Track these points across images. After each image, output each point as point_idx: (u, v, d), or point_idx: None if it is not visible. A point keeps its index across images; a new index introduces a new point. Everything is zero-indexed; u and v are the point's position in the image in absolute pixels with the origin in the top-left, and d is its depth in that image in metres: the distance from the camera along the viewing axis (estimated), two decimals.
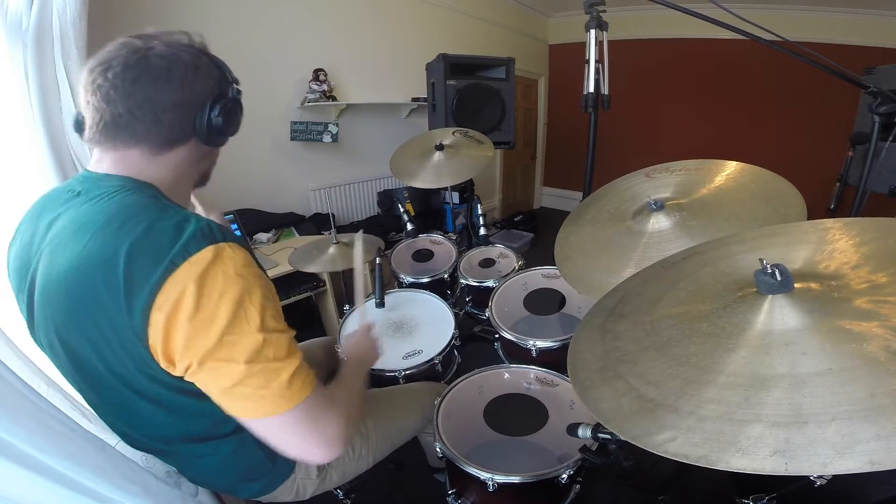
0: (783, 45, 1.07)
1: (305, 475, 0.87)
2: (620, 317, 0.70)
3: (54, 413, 0.57)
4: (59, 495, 0.56)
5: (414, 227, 1.99)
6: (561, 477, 0.84)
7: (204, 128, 0.64)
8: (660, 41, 4.23)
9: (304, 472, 0.87)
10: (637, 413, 0.51)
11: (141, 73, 0.58)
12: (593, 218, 1.14)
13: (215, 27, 2.23)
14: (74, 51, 1.12)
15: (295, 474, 0.85)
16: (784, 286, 0.53)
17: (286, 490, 0.85)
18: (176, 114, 0.61)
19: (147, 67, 0.58)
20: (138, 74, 0.58)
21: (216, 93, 0.65)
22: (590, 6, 1.36)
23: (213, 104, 0.64)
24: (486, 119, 2.63)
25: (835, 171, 2.66)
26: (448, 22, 3.65)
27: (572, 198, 5.16)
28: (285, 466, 0.83)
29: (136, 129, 0.60)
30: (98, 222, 0.55)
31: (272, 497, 0.85)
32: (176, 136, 0.63)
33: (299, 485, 0.87)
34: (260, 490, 0.83)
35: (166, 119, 0.61)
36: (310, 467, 0.87)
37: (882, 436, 0.37)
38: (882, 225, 0.62)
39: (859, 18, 3.33)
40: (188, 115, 0.63)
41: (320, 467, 0.89)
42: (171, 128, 0.62)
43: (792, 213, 0.84)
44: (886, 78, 1.95)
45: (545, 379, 1.13)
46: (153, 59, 0.59)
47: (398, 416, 1.05)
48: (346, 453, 0.94)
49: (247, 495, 0.84)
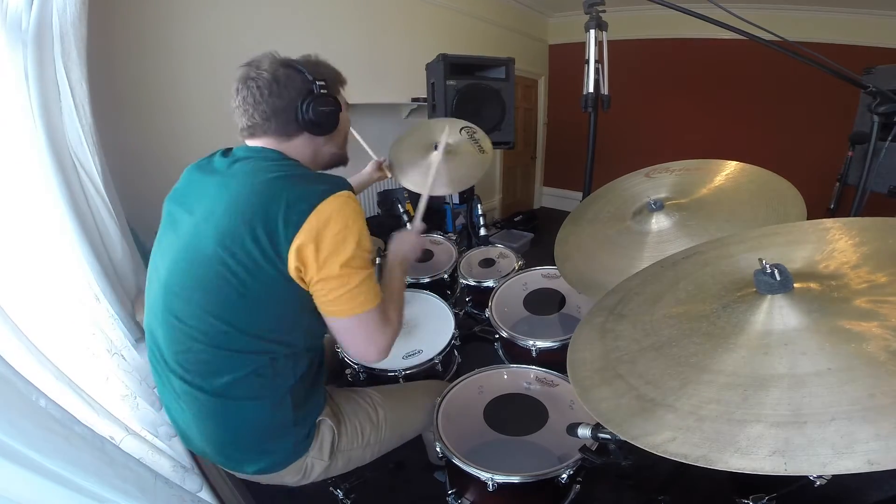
0: (783, 45, 1.07)
1: (318, 454, 0.89)
2: (620, 317, 0.70)
3: (54, 413, 0.57)
4: (58, 495, 0.56)
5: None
6: (561, 477, 0.84)
7: (304, 122, 0.83)
8: (660, 41, 4.23)
9: (318, 450, 0.89)
10: (637, 413, 0.51)
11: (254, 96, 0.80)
12: (593, 218, 1.14)
13: (214, 28, 2.23)
14: (74, 51, 1.12)
15: (308, 452, 0.87)
16: (783, 286, 0.53)
17: (295, 469, 0.87)
18: (281, 115, 0.82)
19: (252, 91, 0.80)
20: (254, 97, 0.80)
21: (304, 94, 0.82)
22: (590, 6, 1.36)
23: (302, 104, 0.82)
24: (486, 119, 2.62)
25: (835, 171, 2.66)
26: (448, 22, 3.65)
27: (572, 198, 5.15)
28: (304, 443, 0.86)
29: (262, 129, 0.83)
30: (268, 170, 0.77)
31: (279, 477, 0.87)
32: (289, 130, 0.84)
33: (308, 464, 0.88)
34: (269, 465, 0.84)
35: (275, 119, 0.82)
36: (323, 446, 0.89)
37: (881, 436, 0.37)
38: (882, 225, 0.62)
39: (859, 18, 3.33)
40: (289, 115, 0.82)
41: (332, 450, 0.91)
42: (280, 125, 0.83)
43: (792, 213, 0.85)
44: (886, 78, 1.95)
45: (545, 379, 1.13)
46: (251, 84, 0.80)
47: (408, 412, 1.06)
48: (356, 437, 0.96)
49: (254, 470, 0.84)
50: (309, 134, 0.85)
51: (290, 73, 0.81)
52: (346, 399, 1.00)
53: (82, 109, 1.12)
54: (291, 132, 0.84)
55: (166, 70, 2.00)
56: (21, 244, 0.94)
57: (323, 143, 0.90)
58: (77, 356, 0.90)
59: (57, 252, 0.99)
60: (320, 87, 0.83)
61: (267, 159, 0.81)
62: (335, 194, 0.74)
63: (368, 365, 1.19)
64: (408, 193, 3.04)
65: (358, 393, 1.04)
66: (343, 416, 0.96)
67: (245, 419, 0.80)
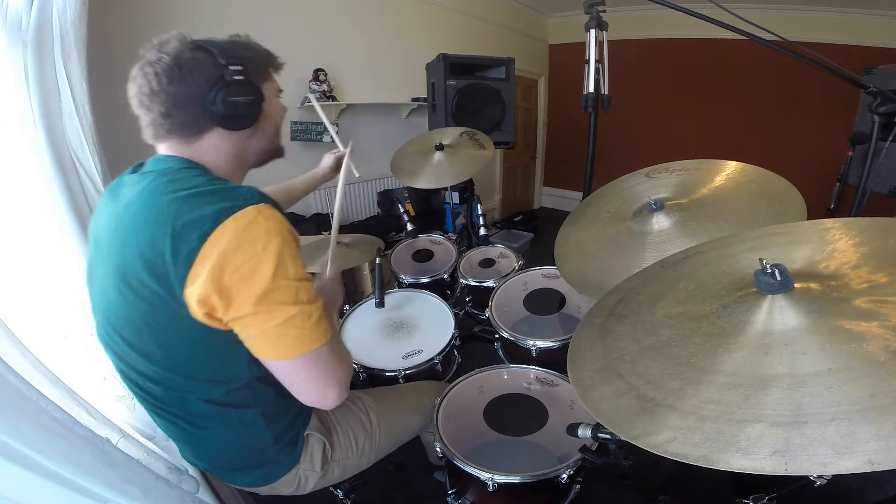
0: (783, 45, 1.07)
1: (309, 466, 0.87)
2: (620, 317, 0.70)
3: (54, 413, 0.57)
4: (58, 495, 0.56)
5: (414, 227, 1.99)
6: (561, 477, 0.84)
7: (213, 115, 0.69)
8: (660, 41, 4.23)
9: (309, 462, 0.86)
10: (637, 413, 0.51)
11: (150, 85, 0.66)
12: (593, 218, 1.14)
13: (215, 28, 2.22)
14: (74, 51, 1.12)
15: (298, 465, 0.85)
16: (784, 286, 0.53)
17: (287, 482, 0.85)
18: (183, 109, 0.68)
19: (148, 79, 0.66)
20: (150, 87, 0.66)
21: (212, 81, 0.67)
22: (590, 6, 1.36)
23: (209, 93, 0.67)
24: (486, 119, 2.63)
25: (835, 171, 2.65)
26: (448, 22, 3.65)
27: (572, 198, 5.16)
28: (290, 457, 0.83)
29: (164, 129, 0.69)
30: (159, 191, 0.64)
31: (273, 489, 0.85)
32: (197, 126, 0.70)
33: (301, 476, 0.87)
34: (261, 478, 0.83)
35: (178, 114, 0.68)
36: (314, 459, 0.87)
37: (881, 436, 0.37)
38: (882, 225, 0.62)
39: (859, 18, 3.33)
40: (194, 107, 0.68)
41: (324, 460, 0.88)
42: (185, 121, 0.69)
43: (792, 213, 0.84)
44: (886, 78, 1.94)
45: (545, 379, 1.13)
46: (147, 69, 0.66)
47: (402, 415, 1.05)
48: (349, 447, 0.94)
49: (246, 483, 0.83)
50: (223, 129, 0.71)
51: (198, 57, 0.67)
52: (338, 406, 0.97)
53: (82, 109, 1.12)
54: (201, 129, 0.70)
55: None
56: (20, 245, 0.94)
57: (247, 137, 0.75)
58: (77, 356, 0.90)
59: (57, 252, 0.99)
60: (234, 73, 0.69)
61: (164, 175, 0.67)
62: (238, 213, 0.59)
63: (369, 365, 1.19)
64: (408, 193, 3.05)
65: (351, 398, 1.00)
66: (335, 425, 0.94)
67: (220, 443, 0.77)
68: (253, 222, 0.60)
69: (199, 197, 0.62)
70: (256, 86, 0.73)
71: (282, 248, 0.61)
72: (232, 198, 0.62)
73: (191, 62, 0.66)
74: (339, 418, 0.95)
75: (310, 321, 0.64)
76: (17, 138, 0.99)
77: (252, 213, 0.60)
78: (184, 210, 0.60)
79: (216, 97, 0.67)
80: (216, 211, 0.59)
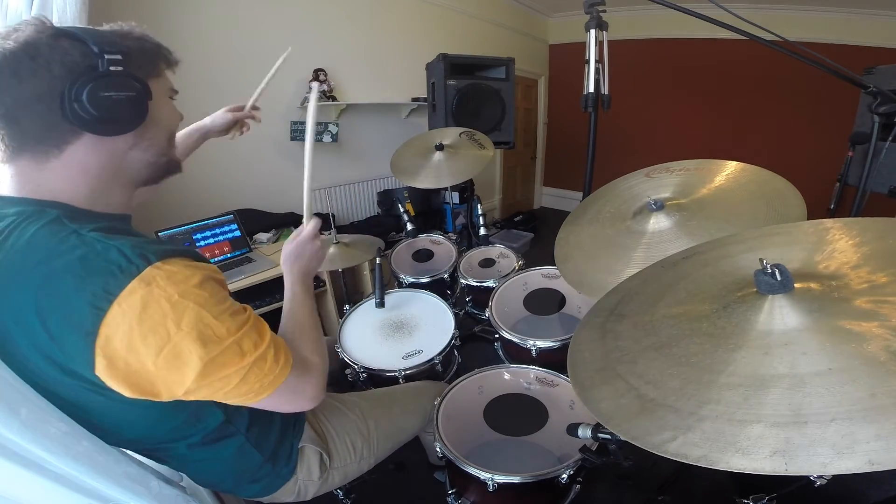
0: (783, 45, 1.07)
1: (307, 476, 0.87)
2: (620, 317, 0.70)
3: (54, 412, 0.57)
4: (61, 495, 0.56)
5: (414, 227, 1.99)
6: (561, 477, 0.84)
7: (79, 116, 0.52)
8: (660, 41, 4.22)
9: (306, 473, 0.87)
10: (637, 413, 0.51)
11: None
12: (593, 218, 1.14)
13: (214, 27, 2.23)
14: None
15: (296, 475, 0.85)
16: (784, 286, 0.53)
17: (287, 491, 0.86)
18: (36, 109, 0.51)
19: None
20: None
21: (78, 73, 0.52)
22: (590, 6, 1.36)
23: (72, 88, 0.51)
24: (486, 119, 2.63)
25: (835, 171, 2.66)
26: (448, 22, 3.65)
27: (572, 198, 5.16)
28: (286, 469, 0.83)
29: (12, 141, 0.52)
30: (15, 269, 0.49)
31: (274, 498, 0.85)
32: (49, 136, 0.53)
33: (301, 486, 0.87)
34: (261, 491, 0.83)
35: (25, 122, 0.52)
36: (311, 469, 0.87)
37: (882, 436, 0.37)
38: (882, 225, 0.62)
39: (859, 18, 3.33)
40: (50, 107, 0.51)
41: (322, 468, 0.88)
42: (34, 130, 0.53)
43: (792, 213, 0.84)
44: (886, 78, 1.95)
45: (545, 379, 1.13)
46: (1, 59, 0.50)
47: (399, 417, 1.05)
48: (347, 454, 0.94)
49: (249, 495, 0.84)
50: (93, 135, 0.55)
51: (61, 45, 0.52)
52: (333, 412, 0.97)
53: None
54: (61, 139, 0.54)
55: None
56: None
57: (127, 147, 0.59)
58: None
59: None
60: (110, 63, 0.54)
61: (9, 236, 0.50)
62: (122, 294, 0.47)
63: (369, 365, 1.19)
64: (408, 193, 3.05)
65: (346, 404, 1.00)
66: (331, 434, 0.93)
67: (215, 472, 0.77)
68: (150, 300, 0.48)
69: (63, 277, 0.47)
70: (141, 81, 0.58)
71: (199, 313, 0.51)
72: (105, 270, 0.47)
73: (49, 51, 0.51)
74: (335, 426, 0.95)
75: (265, 365, 0.58)
76: None
77: (142, 289, 0.48)
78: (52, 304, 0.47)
79: (82, 91, 0.51)
80: (91, 299, 0.46)
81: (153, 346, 0.48)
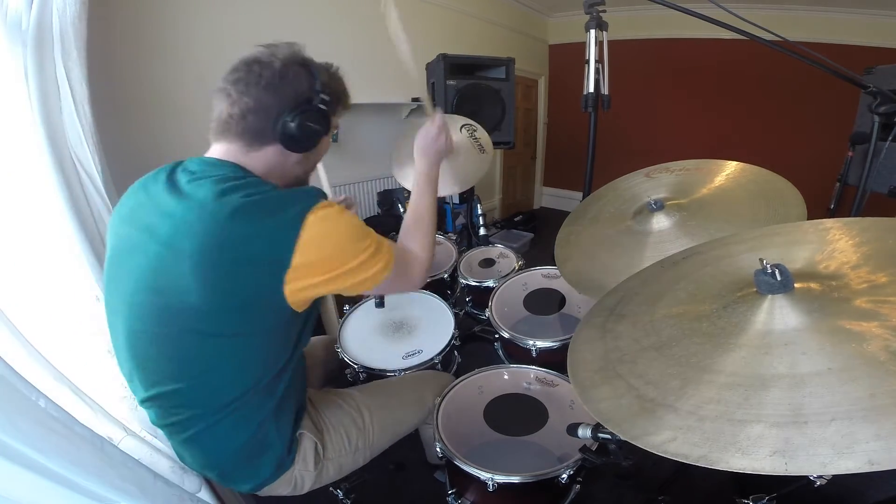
0: (783, 45, 1.07)
1: (303, 466, 0.87)
2: (620, 317, 0.70)
3: (54, 413, 0.57)
4: (58, 495, 0.56)
5: None
6: (561, 477, 0.84)
7: (280, 132, 0.71)
8: (660, 41, 4.22)
9: (302, 463, 0.87)
10: (637, 413, 0.51)
11: (247, 81, 0.69)
12: (593, 218, 1.14)
13: (215, 28, 2.23)
14: (74, 51, 1.12)
15: (294, 466, 0.86)
16: (784, 286, 0.53)
17: (285, 482, 0.86)
18: (259, 116, 0.70)
19: (249, 75, 0.69)
20: (247, 82, 0.69)
21: (300, 101, 0.71)
22: (590, 6, 1.36)
23: (291, 111, 0.70)
24: (486, 119, 2.62)
25: (835, 171, 2.66)
26: (448, 22, 3.65)
27: (572, 198, 5.15)
28: (288, 458, 0.84)
29: (233, 129, 0.71)
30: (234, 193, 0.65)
31: (271, 490, 0.86)
32: (261, 137, 0.72)
33: (297, 477, 0.87)
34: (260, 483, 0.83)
35: (250, 119, 0.70)
36: (307, 458, 0.87)
37: (881, 436, 0.37)
38: (882, 225, 0.62)
39: (859, 18, 3.33)
40: (268, 119, 0.70)
41: (316, 459, 0.89)
42: (253, 127, 0.71)
43: (792, 213, 0.85)
44: (886, 78, 1.94)
45: (545, 379, 1.13)
46: (255, 67, 0.69)
47: (397, 409, 1.04)
48: (342, 446, 0.94)
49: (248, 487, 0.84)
50: (282, 147, 0.74)
51: (300, 73, 0.72)
52: (328, 405, 0.97)
53: (82, 109, 1.12)
54: (264, 141, 0.73)
55: (166, 70, 2.00)
56: (21, 245, 0.94)
57: (295, 161, 0.78)
58: (77, 357, 0.90)
59: (57, 252, 0.99)
60: (321, 101, 0.74)
61: (226, 180, 0.68)
62: (312, 210, 0.66)
63: (369, 365, 1.19)
64: (408, 193, 3.04)
65: (342, 397, 1.00)
66: (326, 424, 0.94)
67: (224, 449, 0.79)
68: (326, 217, 0.67)
69: (278, 202, 0.67)
70: (329, 120, 0.78)
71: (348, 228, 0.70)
72: (301, 199, 0.67)
73: (293, 77, 0.70)
74: (330, 418, 0.95)
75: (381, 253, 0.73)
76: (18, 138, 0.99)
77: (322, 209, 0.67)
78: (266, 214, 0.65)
79: (296, 118, 0.70)
80: (295, 214, 0.65)
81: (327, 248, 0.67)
